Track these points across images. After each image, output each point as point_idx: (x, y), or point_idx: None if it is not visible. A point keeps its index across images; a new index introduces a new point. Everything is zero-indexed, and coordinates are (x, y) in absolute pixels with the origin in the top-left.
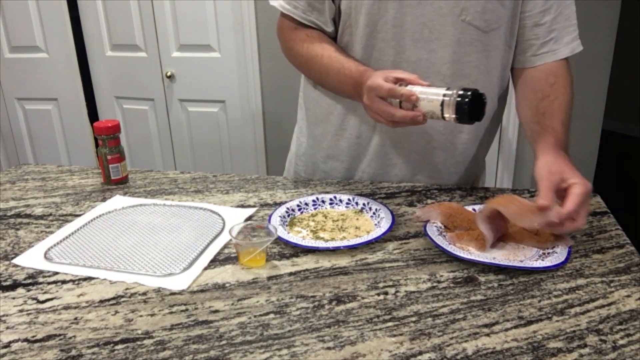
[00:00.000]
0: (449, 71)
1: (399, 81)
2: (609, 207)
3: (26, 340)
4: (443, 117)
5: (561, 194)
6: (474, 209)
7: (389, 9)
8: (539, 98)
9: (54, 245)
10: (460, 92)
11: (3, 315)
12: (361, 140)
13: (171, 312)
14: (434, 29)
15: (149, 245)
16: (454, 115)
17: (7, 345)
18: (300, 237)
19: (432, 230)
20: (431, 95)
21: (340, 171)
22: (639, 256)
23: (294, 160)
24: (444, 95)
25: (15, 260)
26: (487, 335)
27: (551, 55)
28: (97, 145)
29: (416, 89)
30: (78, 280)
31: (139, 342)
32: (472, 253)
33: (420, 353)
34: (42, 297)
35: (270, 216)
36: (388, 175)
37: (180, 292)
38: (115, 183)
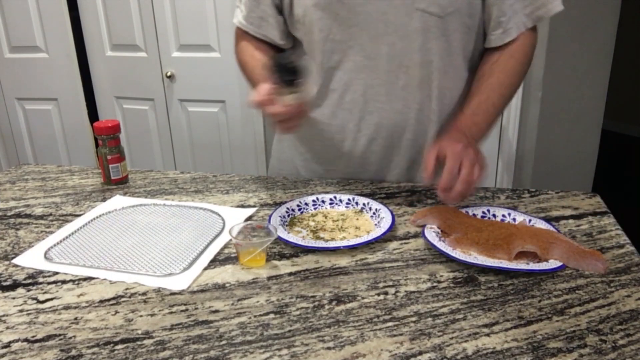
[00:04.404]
0: (412, 61)
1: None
2: (609, 207)
3: (26, 340)
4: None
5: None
6: (466, 211)
7: (340, 11)
8: (477, 78)
9: (54, 245)
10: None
11: (3, 315)
12: (358, 146)
13: (171, 312)
14: (389, 21)
15: (149, 245)
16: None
17: (7, 345)
18: (300, 237)
19: (432, 236)
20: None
21: (339, 173)
22: (639, 256)
23: (277, 166)
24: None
25: (15, 260)
26: (487, 335)
27: (507, 35)
28: (97, 145)
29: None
30: (78, 280)
31: (139, 342)
32: (477, 257)
33: (420, 353)
34: (42, 297)
35: (270, 216)
36: (387, 175)
37: (180, 292)
38: (115, 183)
